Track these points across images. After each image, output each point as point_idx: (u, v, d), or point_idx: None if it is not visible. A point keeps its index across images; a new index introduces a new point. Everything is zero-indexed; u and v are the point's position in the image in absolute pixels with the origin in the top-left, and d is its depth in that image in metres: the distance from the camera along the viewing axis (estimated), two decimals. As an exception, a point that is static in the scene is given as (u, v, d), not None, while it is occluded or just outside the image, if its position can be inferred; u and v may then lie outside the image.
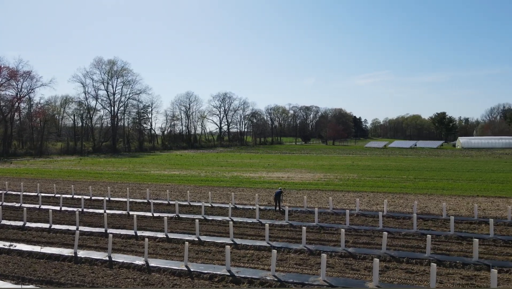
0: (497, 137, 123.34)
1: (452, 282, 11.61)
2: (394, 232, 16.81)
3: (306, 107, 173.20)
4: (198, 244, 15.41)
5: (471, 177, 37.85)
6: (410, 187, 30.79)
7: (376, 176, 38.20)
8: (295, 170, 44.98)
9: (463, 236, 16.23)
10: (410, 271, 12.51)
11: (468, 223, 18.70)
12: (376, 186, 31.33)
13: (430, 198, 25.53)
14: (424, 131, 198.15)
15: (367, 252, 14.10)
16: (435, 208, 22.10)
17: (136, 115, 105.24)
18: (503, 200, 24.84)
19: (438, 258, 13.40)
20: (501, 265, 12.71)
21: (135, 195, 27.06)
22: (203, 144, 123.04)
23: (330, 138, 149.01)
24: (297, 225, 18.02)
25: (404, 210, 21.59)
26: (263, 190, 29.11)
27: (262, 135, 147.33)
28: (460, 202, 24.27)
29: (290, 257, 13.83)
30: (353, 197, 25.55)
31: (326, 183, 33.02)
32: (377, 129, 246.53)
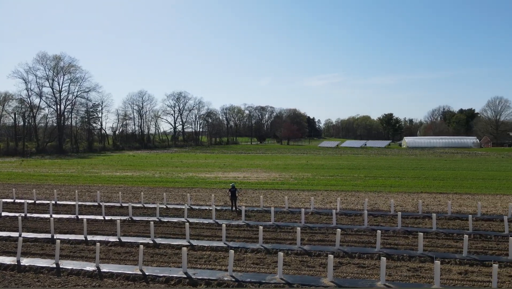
0: (438, 137, 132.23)
1: (399, 274, 12.27)
2: (346, 229, 17.46)
3: (261, 108, 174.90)
4: (153, 247, 15.01)
5: (415, 174, 40.24)
6: (361, 185, 32.13)
7: (329, 175, 39.43)
8: (251, 170, 45.25)
9: (409, 230, 17.21)
10: (361, 265, 13.05)
11: (414, 218, 19.87)
12: (330, 184, 32.35)
13: (379, 195, 26.80)
14: (373, 132, 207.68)
15: (322, 249, 14.52)
16: (384, 205, 23.24)
17: (85, 114, 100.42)
18: (444, 196, 26.66)
19: (387, 252, 14.10)
20: (443, 256, 13.64)
21: (85, 198, 25.82)
22: (157, 144, 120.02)
23: (285, 138, 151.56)
24: (254, 224, 18.14)
25: (356, 207, 22.49)
26: (219, 190, 28.99)
27: (218, 135, 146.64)
28: (406, 198, 25.72)
29: (247, 257, 13.89)
30: (307, 196, 26.18)
31: (281, 182, 33.54)
32: (330, 129, 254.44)
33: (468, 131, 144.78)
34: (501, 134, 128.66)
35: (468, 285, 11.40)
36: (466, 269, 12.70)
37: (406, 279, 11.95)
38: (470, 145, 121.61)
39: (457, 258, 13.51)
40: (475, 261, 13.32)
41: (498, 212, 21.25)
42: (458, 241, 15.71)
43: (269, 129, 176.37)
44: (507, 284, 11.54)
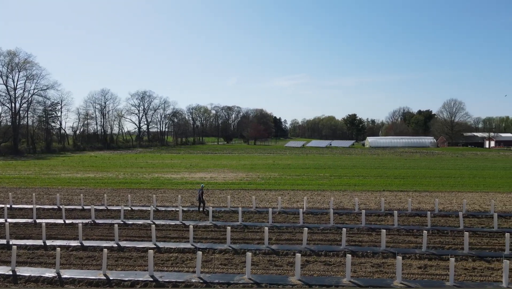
0: (398, 137, 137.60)
1: (364, 270, 12.66)
2: (313, 228, 17.77)
3: (228, 107, 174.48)
4: (117, 250, 14.57)
5: (378, 173, 41.64)
6: (327, 184, 32.83)
7: (296, 175, 39.97)
8: (218, 170, 45.01)
9: (372, 227, 17.79)
10: (328, 263, 13.34)
11: (377, 216, 20.55)
12: (296, 184, 32.80)
13: (344, 194, 27.50)
14: (338, 132, 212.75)
15: (289, 248, 14.69)
16: (349, 203, 23.87)
17: (42, 113, 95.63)
18: (404, 194, 27.79)
19: (352, 249, 14.50)
20: (404, 252, 14.21)
21: (43, 201, 24.63)
22: (120, 144, 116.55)
23: (252, 138, 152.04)
24: (222, 225, 18.06)
25: (322, 206, 22.94)
26: (186, 191, 28.62)
27: (184, 135, 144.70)
28: (369, 196, 26.55)
29: (215, 258, 13.81)
30: (275, 195, 26.41)
31: (248, 182, 33.61)
32: (296, 129, 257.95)
33: (426, 131, 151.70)
34: (456, 134, 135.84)
35: (428, 279, 11.93)
36: (426, 263, 13.31)
37: (370, 274, 12.34)
38: (427, 144, 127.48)
39: (417, 253, 14.13)
40: (433, 255, 13.97)
41: (454, 208, 22.42)
42: (418, 236, 16.42)
43: (236, 129, 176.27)
44: (463, 276, 12.20)
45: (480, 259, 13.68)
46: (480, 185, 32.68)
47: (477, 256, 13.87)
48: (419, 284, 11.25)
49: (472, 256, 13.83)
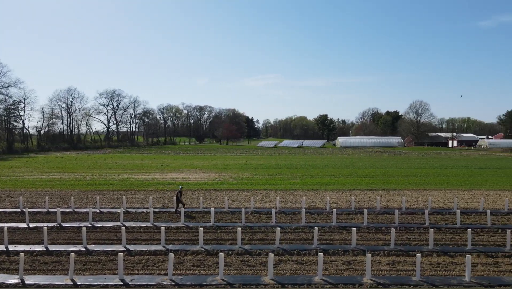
0: (367, 137, 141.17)
1: (335, 268, 12.90)
2: (286, 227, 17.92)
3: (200, 107, 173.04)
4: (85, 254, 14.12)
5: (348, 173, 42.55)
6: (299, 183, 33.20)
7: (268, 174, 40.18)
8: (189, 170, 44.55)
9: (343, 226, 18.15)
10: (300, 262, 13.49)
11: (347, 214, 20.99)
12: (269, 183, 32.97)
13: (316, 193, 27.90)
14: (310, 132, 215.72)
15: (262, 247, 14.75)
16: (320, 202, 24.25)
17: (3, 112, 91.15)
18: (373, 192, 28.54)
19: (324, 247, 14.75)
20: (374, 249, 14.61)
21: (5, 204, 23.50)
22: (88, 145, 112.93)
23: (224, 138, 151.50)
24: (194, 226, 17.89)
25: (294, 206, 23.17)
26: (157, 192, 28.14)
27: (155, 135, 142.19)
28: (340, 195, 27.08)
29: (188, 259, 13.66)
30: (247, 196, 26.43)
31: (221, 183, 33.47)
32: (268, 129, 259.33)
33: (394, 131, 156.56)
34: (421, 134, 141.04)
35: (396, 275, 12.31)
36: (394, 260, 13.73)
37: (341, 272, 12.59)
38: (395, 144, 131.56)
39: (385, 250, 14.55)
40: (401, 252, 14.44)
41: (420, 206, 23.25)
42: (386, 234, 16.91)
43: (208, 129, 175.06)
44: (429, 271, 12.67)
45: (445, 254, 14.26)
46: (444, 183, 34.06)
47: (442, 251, 14.45)
48: (388, 280, 11.59)
49: (437, 252, 14.40)
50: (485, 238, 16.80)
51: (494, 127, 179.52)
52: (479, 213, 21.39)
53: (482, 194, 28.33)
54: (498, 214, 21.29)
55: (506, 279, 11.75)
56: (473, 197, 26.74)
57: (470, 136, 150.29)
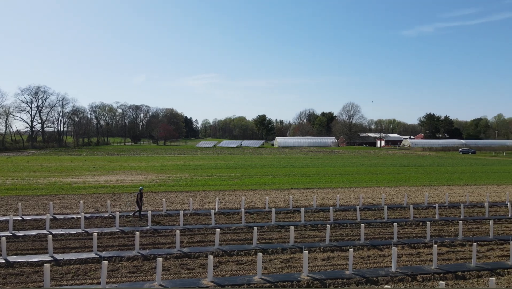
0: (304, 138, 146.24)
1: (274, 267, 13.16)
2: (225, 228, 17.90)
3: (136, 106, 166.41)
4: (5, 266, 12.83)
5: (286, 172, 43.70)
6: (238, 184, 33.36)
7: (207, 175, 39.83)
8: (125, 172, 42.61)
9: (281, 224, 18.59)
10: (240, 262, 13.55)
11: (285, 213, 21.53)
12: (208, 184, 32.69)
13: (255, 193, 28.24)
14: (249, 132, 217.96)
15: (202, 250, 14.57)
16: (259, 202, 24.59)
17: None
18: (310, 191, 29.63)
19: (263, 247, 14.97)
20: (310, 246, 15.15)
21: None
22: (8, 146, 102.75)
23: (162, 139, 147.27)
24: (130, 230, 17.13)
25: (234, 206, 23.23)
26: (89, 196, 26.50)
27: (86, 136, 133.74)
28: (278, 194, 27.71)
29: (123, 266, 13.04)
30: (186, 197, 25.97)
31: (158, 184, 32.48)
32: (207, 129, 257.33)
33: (329, 132, 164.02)
34: (353, 135, 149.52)
35: (330, 270, 12.89)
36: (329, 255, 14.36)
37: (280, 270, 12.88)
38: (329, 144, 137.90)
39: (321, 246, 15.17)
40: (335, 247, 15.15)
41: (352, 203, 24.62)
42: (322, 231, 17.65)
43: (144, 129, 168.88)
44: (360, 264, 13.45)
45: (374, 247, 15.24)
46: (373, 181, 36.44)
47: (371, 245, 15.43)
48: (323, 275, 12.09)
49: (367, 245, 15.34)
50: (408, 230, 18.26)
51: (415, 128, 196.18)
52: (404, 207, 23.20)
53: (406, 190, 30.78)
54: (419, 208, 23.26)
55: (426, 268, 12.87)
56: (398, 193, 28.93)
57: (396, 137, 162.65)
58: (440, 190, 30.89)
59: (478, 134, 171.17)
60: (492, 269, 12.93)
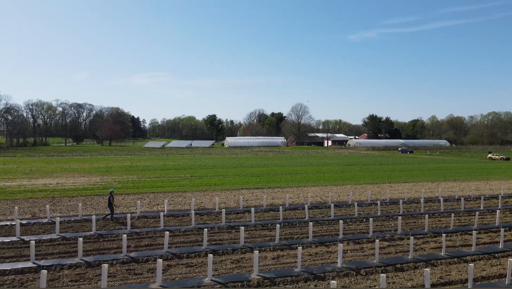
0: (254, 138, 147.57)
1: (224, 268, 13.15)
2: (175, 230, 17.56)
3: (78, 105, 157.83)
4: None
5: (236, 172, 43.81)
6: (188, 185, 32.87)
7: (155, 176, 38.80)
8: (66, 175, 40.21)
9: (232, 225, 18.62)
10: (190, 265, 13.38)
11: (236, 213, 21.59)
12: (156, 186, 31.85)
13: (205, 194, 28.00)
14: (199, 132, 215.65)
15: (150, 253, 14.17)
16: (209, 203, 24.43)
17: None
18: (260, 191, 29.98)
19: (213, 248, 14.90)
20: (260, 245, 15.34)
21: None
22: None
23: (107, 139, 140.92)
24: (72, 236, 16.21)
25: (183, 208, 22.86)
26: (25, 201, 24.66)
27: (21, 136, 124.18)
28: (229, 195, 27.71)
29: (64, 274, 12.31)
30: (133, 199, 25.11)
31: (103, 187, 31.04)
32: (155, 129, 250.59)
33: (278, 132, 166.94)
34: (302, 135, 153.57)
35: (280, 268, 13.15)
36: (278, 254, 14.64)
37: (231, 271, 12.89)
38: (279, 144, 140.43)
39: (271, 245, 15.41)
40: (285, 246, 15.47)
41: (301, 202, 25.29)
42: (272, 230, 17.93)
43: (87, 129, 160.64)
44: (308, 261, 13.86)
45: (321, 244, 15.78)
46: (321, 180, 37.69)
47: (319, 242, 15.96)
48: (273, 274, 12.30)
49: (315, 243, 15.85)
50: (353, 227, 19.14)
51: (360, 129, 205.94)
52: (349, 205, 24.26)
53: (351, 188, 32.22)
54: (363, 205, 24.46)
55: (369, 262, 13.58)
56: (344, 191, 30.20)
57: (342, 137, 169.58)
58: (382, 188, 32.72)
59: (415, 134, 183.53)
60: (427, 260, 13.95)
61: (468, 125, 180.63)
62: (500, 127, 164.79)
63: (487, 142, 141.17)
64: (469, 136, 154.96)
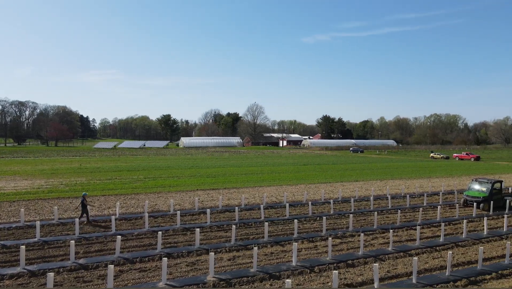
0: (210, 138, 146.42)
1: (179, 271, 12.93)
2: (127, 234, 16.98)
3: (20, 103, 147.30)
4: None
5: (191, 173, 43.23)
6: (141, 186, 31.92)
7: (106, 179, 37.27)
8: (6, 178, 37.45)
9: (187, 227, 18.35)
10: (143, 269, 13.01)
11: (191, 215, 21.31)
12: (107, 188, 30.60)
13: (159, 196, 27.34)
14: (152, 132, 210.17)
15: (100, 259, 13.59)
16: (164, 205, 23.89)
17: None
18: (216, 192, 29.81)
19: (168, 251, 14.60)
20: (216, 247, 15.27)
21: None
22: None
23: (53, 139, 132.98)
24: (13, 244, 15.14)
25: (136, 210, 22.17)
26: (-41, 207, 22.66)
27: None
28: (184, 196, 27.28)
29: (5, 285, 11.47)
30: (82, 203, 23.90)
31: (49, 190, 29.30)
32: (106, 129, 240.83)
33: (234, 132, 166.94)
34: (258, 135, 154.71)
35: (236, 269, 13.16)
36: (234, 255, 14.65)
37: (186, 274, 12.71)
38: (235, 144, 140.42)
39: (227, 246, 15.39)
40: (240, 246, 15.52)
41: (257, 202, 25.48)
42: (228, 231, 17.91)
43: (31, 128, 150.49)
44: (264, 261, 13.99)
45: (277, 244, 16.01)
46: (276, 179, 38.22)
47: (274, 242, 16.18)
48: (229, 275, 12.29)
49: (271, 243, 16.05)
50: (307, 225, 19.62)
51: (314, 129, 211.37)
52: (303, 204, 24.82)
53: (306, 187, 32.99)
54: (317, 204, 25.14)
55: (322, 260, 13.99)
56: (298, 191, 30.85)
57: (297, 137, 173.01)
58: (335, 186, 33.83)
59: (365, 134, 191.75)
60: (376, 255, 14.64)
61: (413, 126, 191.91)
62: (441, 128, 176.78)
63: (430, 142, 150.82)
64: (413, 137, 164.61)
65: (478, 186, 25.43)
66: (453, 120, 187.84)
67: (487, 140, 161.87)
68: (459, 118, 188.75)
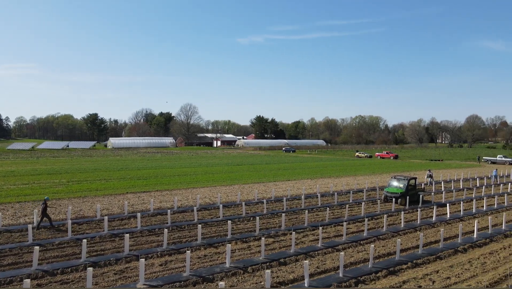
0: (141, 138, 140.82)
1: (107, 280, 12.21)
2: (47, 244, 15.63)
3: None
4: None
5: (121, 175, 41.16)
6: (64, 191, 29.60)
7: (22, 183, 33.94)
8: None
9: (115, 233, 17.41)
10: (65, 281, 12.06)
11: (120, 220, 20.26)
12: (24, 194, 27.86)
13: (84, 201, 25.60)
14: (77, 132, 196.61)
15: (15, 273, 12.32)
16: (90, 210, 22.42)
17: None
18: (147, 194, 28.73)
19: (94, 260, 13.71)
20: (147, 252, 14.70)
21: None
22: None
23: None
24: None
25: (58, 217, 20.49)
26: None
27: None
28: (112, 200, 25.86)
29: None
30: (-7, 211, 21.50)
31: (-48, 198, 25.89)
32: (23, 128, 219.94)
33: (167, 132, 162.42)
34: (191, 135, 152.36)
35: (168, 274, 12.78)
36: (166, 260, 14.23)
37: (113, 283, 12.04)
38: (168, 144, 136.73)
39: (159, 251, 14.89)
40: (173, 250, 15.12)
41: (190, 204, 25.04)
42: (159, 235, 17.34)
43: None
44: (197, 264, 13.78)
45: (210, 246, 15.88)
46: (210, 180, 37.94)
47: (208, 244, 16.03)
48: (160, 281, 11.90)
49: (204, 245, 15.87)
50: (241, 226, 19.75)
51: (248, 129, 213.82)
52: (237, 204, 24.95)
53: (239, 187, 33.20)
54: (251, 204, 25.44)
55: (256, 259, 14.17)
56: (232, 191, 30.95)
57: (231, 137, 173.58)
58: (268, 186, 34.53)
59: (297, 135, 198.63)
60: (306, 252, 15.21)
61: (341, 126, 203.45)
62: (365, 129, 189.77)
63: (355, 142, 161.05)
64: (341, 137, 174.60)
65: (396, 183, 27.68)
66: (376, 122, 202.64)
67: (404, 140, 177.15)
68: (381, 120, 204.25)
